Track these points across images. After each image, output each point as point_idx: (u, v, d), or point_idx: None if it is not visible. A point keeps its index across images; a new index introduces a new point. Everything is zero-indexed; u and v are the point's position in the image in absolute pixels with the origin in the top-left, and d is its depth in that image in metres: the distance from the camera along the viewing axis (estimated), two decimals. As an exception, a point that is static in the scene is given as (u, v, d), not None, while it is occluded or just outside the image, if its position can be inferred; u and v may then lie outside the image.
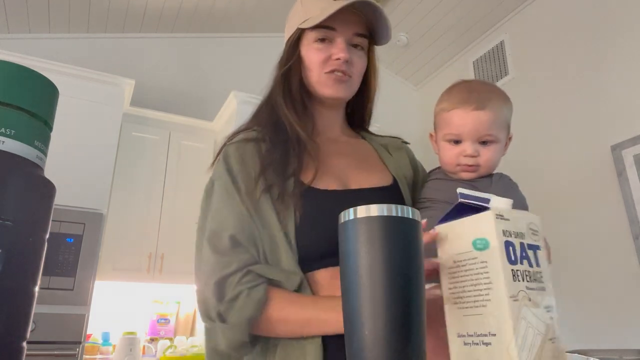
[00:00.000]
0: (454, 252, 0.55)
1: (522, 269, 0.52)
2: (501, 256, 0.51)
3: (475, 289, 0.53)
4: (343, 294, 0.43)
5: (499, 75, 3.17)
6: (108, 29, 3.16)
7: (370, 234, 0.42)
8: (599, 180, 2.38)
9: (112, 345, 2.64)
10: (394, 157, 0.95)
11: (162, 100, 3.18)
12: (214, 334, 0.73)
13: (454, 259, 0.55)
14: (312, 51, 0.85)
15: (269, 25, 3.45)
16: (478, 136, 0.82)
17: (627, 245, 2.20)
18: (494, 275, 0.51)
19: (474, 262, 0.53)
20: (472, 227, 0.54)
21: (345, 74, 0.84)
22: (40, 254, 0.37)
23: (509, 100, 0.88)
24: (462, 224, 0.56)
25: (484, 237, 0.52)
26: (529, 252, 0.54)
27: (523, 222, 0.55)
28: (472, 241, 0.53)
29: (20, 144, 0.37)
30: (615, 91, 2.40)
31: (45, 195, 0.38)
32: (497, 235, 0.52)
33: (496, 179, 0.85)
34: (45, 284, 2.15)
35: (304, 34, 0.86)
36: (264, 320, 0.71)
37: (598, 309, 2.27)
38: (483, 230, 0.53)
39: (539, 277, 0.54)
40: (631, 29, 2.37)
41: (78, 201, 2.35)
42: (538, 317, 0.52)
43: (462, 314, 0.53)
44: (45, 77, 0.40)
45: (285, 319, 0.71)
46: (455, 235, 0.56)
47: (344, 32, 0.84)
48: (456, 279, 0.55)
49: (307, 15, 0.85)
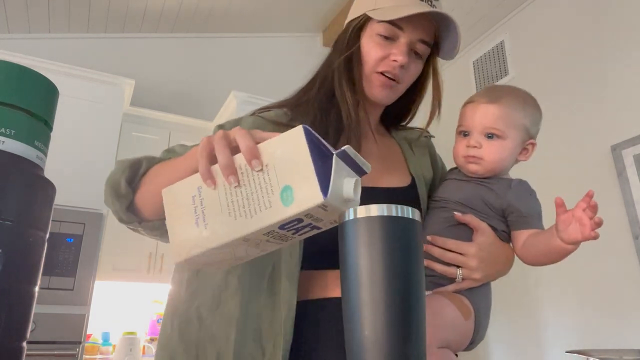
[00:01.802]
0: (273, 159, 0.51)
1: (283, 233, 0.52)
2: (281, 221, 0.49)
3: (243, 198, 0.51)
4: (343, 294, 0.43)
5: (499, 75, 3.17)
6: (108, 29, 3.16)
7: (370, 234, 0.42)
8: (599, 180, 2.38)
9: (112, 345, 2.64)
10: (417, 155, 0.93)
11: (162, 100, 3.18)
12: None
13: (267, 162, 0.51)
14: (372, 44, 0.80)
15: (269, 25, 3.45)
16: (483, 128, 0.83)
17: (627, 245, 2.20)
18: (261, 218, 0.50)
19: (267, 190, 0.50)
20: (303, 176, 0.49)
21: (396, 78, 0.80)
22: (40, 254, 0.37)
23: (532, 105, 0.86)
24: (304, 160, 0.49)
25: (293, 197, 0.48)
26: (304, 229, 0.52)
27: (332, 217, 0.51)
28: (285, 183, 0.49)
29: (20, 144, 0.37)
30: (615, 91, 2.40)
31: (45, 195, 0.38)
32: (300, 211, 0.48)
33: (515, 183, 0.84)
34: (45, 284, 2.15)
35: (369, 22, 0.81)
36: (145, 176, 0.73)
37: (598, 309, 2.27)
38: (302, 191, 0.48)
39: (287, 239, 0.54)
40: (631, 29, 2.37)
41: (78, 201, 2.35)
42: (246, 252, 0.55)
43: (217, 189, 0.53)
44: (45, 77, 0.40)
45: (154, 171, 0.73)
46: (289, 154, 0.50)
47: (410, 35, 0.79)
48: (247, 173, 0.52)
49: (378, 4, 0.80)
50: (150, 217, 0.73)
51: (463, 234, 0.79)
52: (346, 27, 0.86)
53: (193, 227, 0.54)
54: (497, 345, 2.76)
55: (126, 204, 0.72)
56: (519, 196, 0.81)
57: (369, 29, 0.81)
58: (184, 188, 0.56)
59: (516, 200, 0.80)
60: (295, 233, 0.53)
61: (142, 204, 0.72)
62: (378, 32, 0.80)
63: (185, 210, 0.55)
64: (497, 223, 0.81)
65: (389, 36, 0.79)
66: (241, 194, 0.52)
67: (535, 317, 2.56)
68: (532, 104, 0.86)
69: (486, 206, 0.81)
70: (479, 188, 0.83)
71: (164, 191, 0.58)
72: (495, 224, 0.81)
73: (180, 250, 0.55)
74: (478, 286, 0.79)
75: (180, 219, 0.55)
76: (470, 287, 0.78)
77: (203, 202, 0.54)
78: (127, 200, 0.72)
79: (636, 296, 2.13)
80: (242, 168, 0.52)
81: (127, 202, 0.72)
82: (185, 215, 0.55)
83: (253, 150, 0.51)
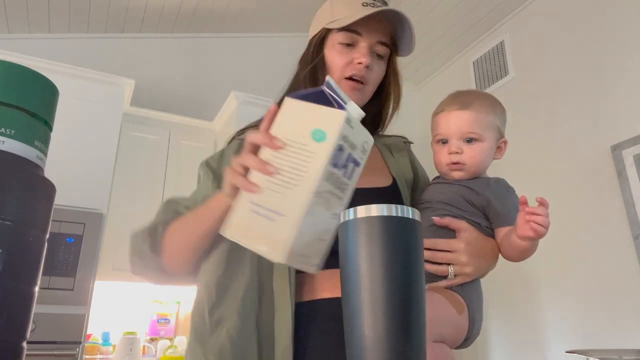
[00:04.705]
0: (289, 130, 0.57)
1: (337, 174, 0.56)
2: (328, 155, 0.53)
3: (290, 171, 0.55)
4: (343, 294, 0.43)
5: (499, 75, 3.17)
6: (108, 29, 3.15)
7: (370, 234, 0.42)
8: (599, 180, 2.38)
9: (112, 345, 2.64)
10: (396, 158, 0.96)
11: (162, 100, 3.18)
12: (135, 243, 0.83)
13: (287, 137, 0.56)
14: (335, 53, 0.86)
15: (269, 25, 3.45)
16: (461, 134, 0.87)
17: (627, 245, 2.20)
18: (313, 168, 0.54)
19: (302, 148, 0.55)
20: (319, 117, 0.56)
21: (363, 80, 0.85)
22: (40, 254, 0.37)
23: (498, 106, 0.92)
24: (311, 108, 0.57)
25: (324, 131, 0.54)
26: (349, 165, 0.57)
27: (362, 138, 0.59)
28: (311, 129, 0.55)
29: (20, 144, 0.37)
30: (615, 91, 2.40)
31: (45, 195, 0.38)
32: (337, 136, 0.54)
33: (493, 182, 0.88)
34: (45, 284, 2.15)
35: (330, 34, 0.87)
36: (165, 238, 0.79)
37: (598, 309, 2.27)
38: (327, 124, 0.55)
39: (344, 187, 0.58)
40: (631, 29, 2.37)
41: (78, 201, 2.35)
42: (324, 218, 0.56)
43: (264, 186, 0.56)
44: (45, 77, 0.40)
45: (173, 229, 0.80)
46: (298, 116, 0.58)
47: (369, 38, 0.84)
48: (277, 155, 0.56)
49: (335, 16, 0.86)
50: (180, 269, 0.81)
51: (447, 234, 0.83)
52: (309, 43, 0.91)
53: (272, 225, 0.55)
54: (497, 345, 2.76)
55: (154, 266, 0.81)
56: (496, 194, 0.85)
57: (330, 40, 0.87)
58: (241, 213, 0.57)
59: (494, 199, 0.84)
60: (345, 173, 0.57)
61: (171, 261, 0.80)
62: (339, 41, 0.85)
63: (257, 224, 0.56)
64: (480, 219, 0.85)
65: (349, 43, 0.85)
66: (285, 172, 0.55)
67: (535, 317, 2.56)
68: (499, 105, 0.92)
69: (468, 204, 0.85)
70: (461, 188, 0.87)
71: (229, 233, 0.58)
72: (479, 220, 0.85)
73: (278, 249, 0.54)
74: (469, 282, 0.81)
75: (259, 237, 0.56)
76: (462, 282, 0.80)
77: (261, 205, 0.56)
78: (155, 263, 0.80)
79: (636, 296, 2.13)
80: (269, 157, 0.56)
81: (155, 264, 0.80)
82: (261, 227, 0.55)
83: (267, 137, 0.57)
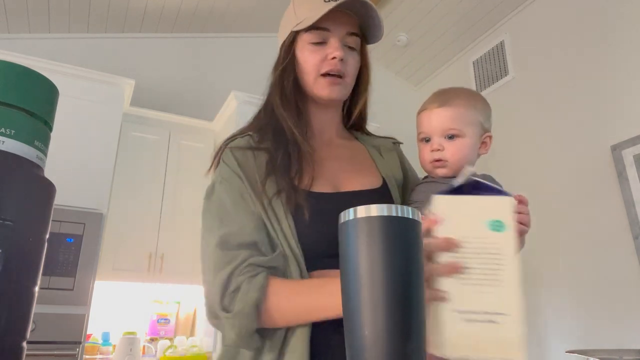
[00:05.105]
0: (460, 227, 0.55)
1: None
2: (515, 242, 0.53)
3: (483, 267, 0.54)
4: (343, 294, 0.43)
5: (499, 75, 3.17)
6: (108, 29, 3.15)
7: (370, 234, 0.42)
8: (599, 180, 2.38)
9: (112, 345, 2.64)
10: (385, 158, 0.96)
11: (162, 100, 3.18)
12: (223, 329, 0.71)
13: (461, 234, 0.55)
14: (307, 53, 0.85)
15: (269, 25, 3.45)
16: (442, 131, 0.87)
17: (627, 245, 2.20)
18: (507, 258, 0.53)
19: (484, 242, 0.54)
20: (489, 207, 0.55)
21: (340, 74, 0.85)
22: (40, 254, 0.37)
23: (480, 102, 0.92)
24: (476, 201, 0.57)
25: (500, 220, 0.54)
26: None
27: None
28: (487, 221, 0.54)
29: (20, 144, 0.37)
30: (615, 91, 2.40)
31: (45, 195, 0.38)
32: (515, 222, 0.54)
33: (480, 177, 0.87)
34: (45, 284, 2.15)
35: (298, 36, 0.87)
36: (266, 310, 0.70)
37: (598, 309, 2.27)
38: (500, 212, 0.54)
39: None
40: (631, 28, 2.37)
41: (78, 201, 2.35)
42: None
43: (464, 291, 0.54)
44: (45, 77, 0.40)
45: (285, 308, 0.71)
46: (463, 212, 0.56)
47: (338, 32, 0.85)
48: (457, 256, 0.54)
49: (299, 18, 0.86)
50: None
51: None
52: (279, 50, 0.91)
53: (497, 328, 0.53)
54: (497, 345, 2.76)
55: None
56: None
57: (300, 43, 0.87)
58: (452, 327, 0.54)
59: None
60: None
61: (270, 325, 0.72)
62: (309, 41, 0.85)
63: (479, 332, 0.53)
64: None
65: (319, 41, 0.85)
66: (476, 269, 0.54)
67: (535, 317, 2.56)
68: (480, 100, 0.92)
69: None
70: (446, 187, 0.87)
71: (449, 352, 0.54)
72: None
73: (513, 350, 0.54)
74: None
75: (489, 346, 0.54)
76: None
77: (473, 310, 0.53)
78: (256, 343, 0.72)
79: (636, 296, 2.13)
80: (450, 260, 0.55)
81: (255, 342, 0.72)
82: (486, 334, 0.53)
83: (445, 241, 0.55)
